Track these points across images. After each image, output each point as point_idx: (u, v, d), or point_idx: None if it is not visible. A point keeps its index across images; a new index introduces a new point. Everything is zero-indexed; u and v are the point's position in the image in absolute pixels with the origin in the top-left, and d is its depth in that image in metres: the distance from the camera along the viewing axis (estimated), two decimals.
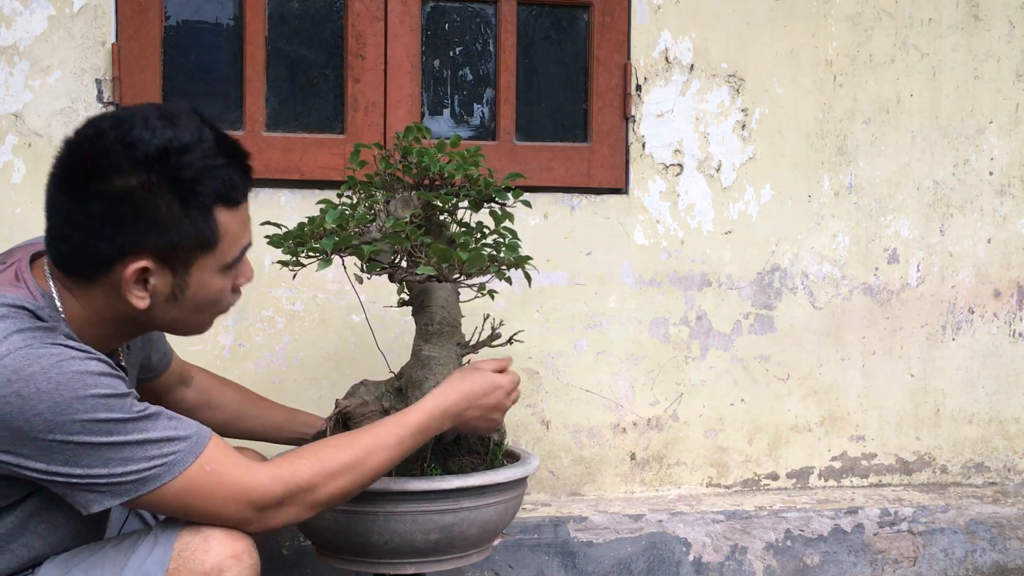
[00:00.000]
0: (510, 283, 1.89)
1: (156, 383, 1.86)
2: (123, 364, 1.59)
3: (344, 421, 1.83)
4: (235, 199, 1.42)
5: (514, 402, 1.79)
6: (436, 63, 2.61)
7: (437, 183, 1.82)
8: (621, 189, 2.67)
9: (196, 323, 1.51)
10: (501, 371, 1.77)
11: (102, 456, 1.35)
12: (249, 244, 1.49)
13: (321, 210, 1.77)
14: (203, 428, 1.44)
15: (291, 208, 2.43)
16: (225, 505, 1.42)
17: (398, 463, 1.62)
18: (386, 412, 1.80)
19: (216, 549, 1.40)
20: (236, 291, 1.52)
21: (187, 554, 1.40)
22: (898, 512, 2.69)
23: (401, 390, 1.85)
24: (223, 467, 1.42)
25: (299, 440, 1.96)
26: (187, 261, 1.41)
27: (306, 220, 1.77)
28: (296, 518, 1.49)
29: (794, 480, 2.81)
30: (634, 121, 2.66)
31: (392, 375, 1.91)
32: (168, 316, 1.47)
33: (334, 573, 2.28)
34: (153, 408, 1.40)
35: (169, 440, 1.39)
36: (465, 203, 1.87)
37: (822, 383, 2.81)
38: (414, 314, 1.87)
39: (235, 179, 1.41)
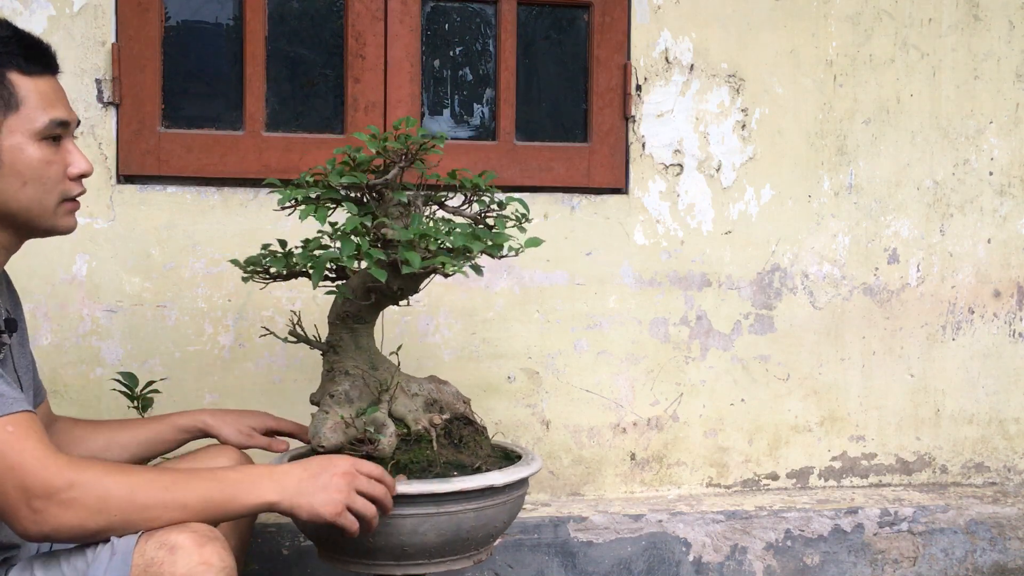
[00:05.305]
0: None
1: None
2: None
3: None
4: (26, 68, 1.50)
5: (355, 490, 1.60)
6: (436, 63, 2.61)
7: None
8: (621, 189, 2.67)
9: (29, 201, 1.51)
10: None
11: None
12: (63, 121, 1.53)
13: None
14: (25, 402, 1.41)
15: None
16: (7, 476, 1.35)
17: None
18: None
19: (183, 560, 1.36)
20: (76, 181, 1.55)
21: (153, 569, 1.36)
22: (898, 512, 2.69)
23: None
24: (25, 436, 1.37)
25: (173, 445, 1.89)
26: None
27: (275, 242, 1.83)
28: (77, 524, 1.38)
29: (794, 480, 2.81)
30: (634, 121, 2.66)
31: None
32: None
33: (334, 573, 2.28)
34: None
35: None
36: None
37: (822, 383, 2.81)
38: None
39: (24, 50, 1.51)
